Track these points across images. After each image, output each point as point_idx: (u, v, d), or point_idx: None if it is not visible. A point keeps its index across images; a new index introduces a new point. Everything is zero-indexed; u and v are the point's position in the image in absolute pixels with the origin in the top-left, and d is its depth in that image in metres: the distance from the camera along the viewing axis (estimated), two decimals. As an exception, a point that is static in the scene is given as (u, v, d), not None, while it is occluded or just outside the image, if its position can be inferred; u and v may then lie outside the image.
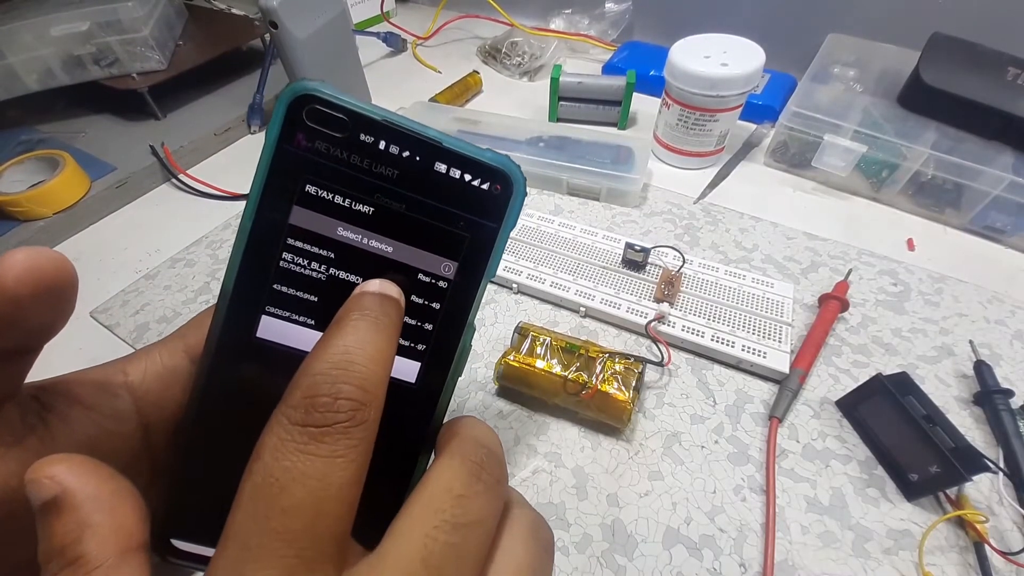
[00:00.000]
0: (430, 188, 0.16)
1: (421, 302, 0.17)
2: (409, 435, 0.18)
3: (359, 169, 0.16)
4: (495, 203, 0.17)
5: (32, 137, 0.51)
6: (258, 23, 0.63)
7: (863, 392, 0.29)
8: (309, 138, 0.16)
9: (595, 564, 0.25)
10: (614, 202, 0.44)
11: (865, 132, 0.41)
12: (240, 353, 0.17)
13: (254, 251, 0.16)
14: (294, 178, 0.16)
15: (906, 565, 0.24)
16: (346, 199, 0.16)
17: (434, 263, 0.17)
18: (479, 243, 0.17)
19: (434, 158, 0.16)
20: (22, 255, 0.13)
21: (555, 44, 0.63)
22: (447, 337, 0.18)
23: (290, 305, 0.17)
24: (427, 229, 0.17)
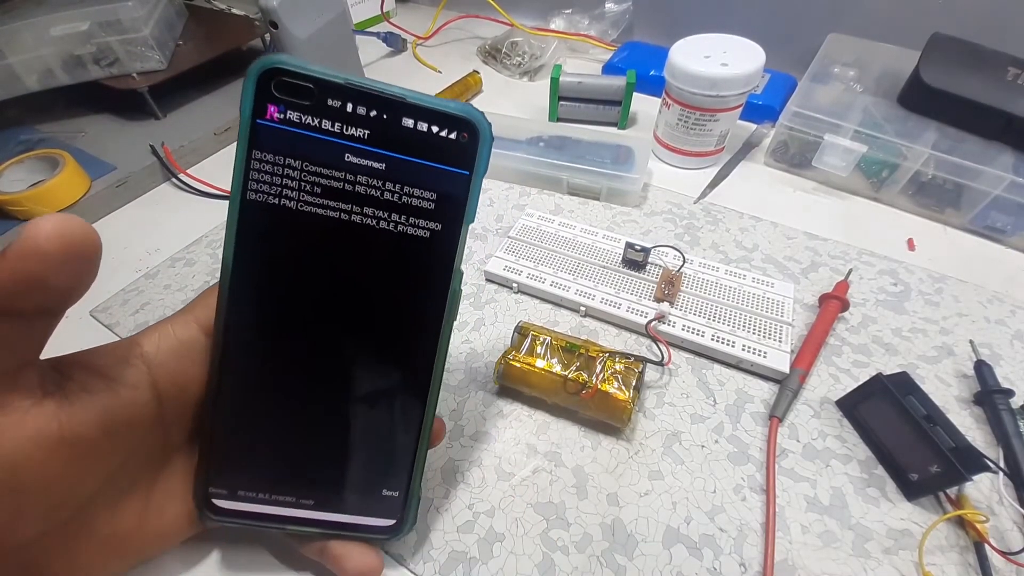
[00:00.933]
0: (401, 144, 0.17)
1: (408, 254, 0.18)
2: (416, 376, 0.20)
3: (331, 133, 0.17)
4: (465, 151, 0.17)
5: (32, 136, 0.51)
6: (258, 23, 0.63)
7: (863, 392, 0.29)
8: (281, 110, 0.16)
9: (595, 564, 0.25)
10: (614, 202, 0.44)
11: (865, 132, 0.41)
12: (249, 317, 0.18)
13: (245, 226, 0.17)
14: (272, 151, 0.17)
15: (906, 565, 0.24)
16: (324, 165, 0.17)
17: (415, 216, 0.18)
18: (455, 191, 0.18)
19: (401, 114, 0.17)
20: (53, 220, 0.14)
21: (555, 44, 0.63)
22: (438, 284, 0.19)
23: (284, 272, 0.18)
24: (404, 184, 0.18)
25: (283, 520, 0.21)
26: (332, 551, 0.22)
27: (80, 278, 0.15)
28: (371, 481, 0.21)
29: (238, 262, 0.18)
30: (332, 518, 0.21)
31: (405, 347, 0.20)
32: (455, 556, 0.25)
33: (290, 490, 0.21)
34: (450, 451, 0.29)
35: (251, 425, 0.20)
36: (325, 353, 0.19)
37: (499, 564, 0.25)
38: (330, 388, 0.20)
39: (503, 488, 0.27)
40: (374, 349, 0.19)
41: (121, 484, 0.19)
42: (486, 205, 0.44)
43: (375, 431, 0.20)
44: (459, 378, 0.32)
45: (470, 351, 0.33)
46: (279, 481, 0.20)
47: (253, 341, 0.19)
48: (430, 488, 0.27)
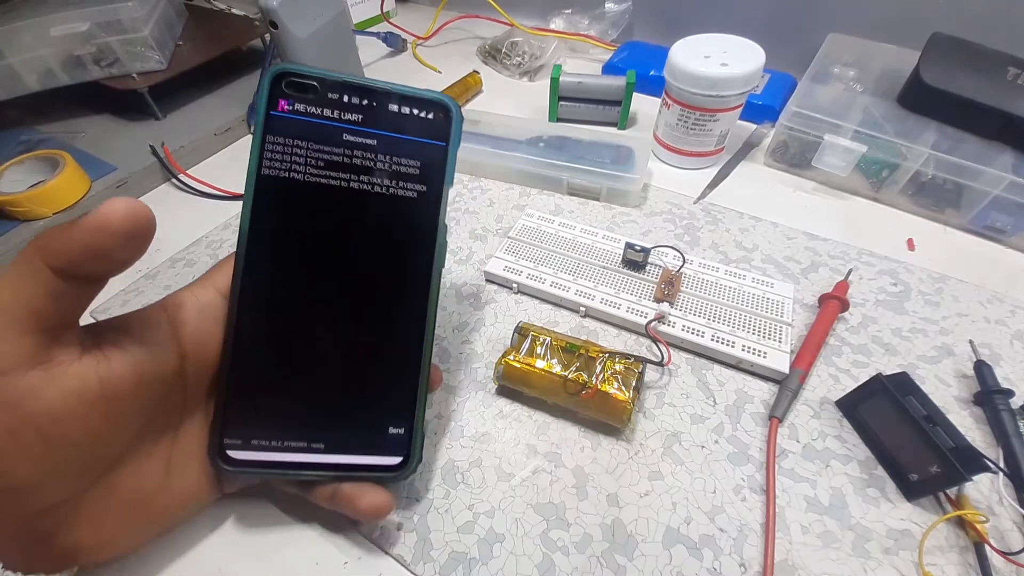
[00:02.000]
0: (388, 124, 0.21)
1: (400, 212, 0.22)
2: (413, 316, 0.22)
3: (331, 119, 0.21)
4: (440, 127, 0.22)
5: (32, 137, 0.51)
6: (258, 23, 0.63)
7: (863, 392, 0.29)
8: (290, 103, 0.21)
9: (595, 564, 0.25)
10: (614, 202, 0.44)
11: (865, 132, 0.41)
12: (263, 275, 0.21)
13: (260, 197, 0.21)
14: (283, 135, 0.21)
15: (906, 565, 0.24)
16: (325, 144, 0.21)
17: (403, 180, 0.22)
18: (435, 159, 0.22)
19: (386, 101, 0.21)
20: (125, 203, 0.17)
21: (555, 44, 0.63)
22: (427, 234, 0.22)
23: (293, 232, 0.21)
24: (393, 155, 0.22)
25: (296, 467, 0.22)
26: (344, 492, 0.23)
27: (136, 254, 0.18)
28: (377, 420, 0.23)
29: (253, 227, 0.21)
30: (343, 460, 0.23)
31: (402, 292, 0.22)
32: (455, 557, 0.25)
33: (301, 436, 0.22)
34: (450, 451, 0.29)
35: (263, 375, 0.22)
36: (330, 302, 0.22)
37: (499, 565, 0.25)
38: (336, 334, 0.22)
39: (503, 489, 0.27)
40: (374, 296, 0.22)
41: (146, 444, 0.21)
42: (486, 205, 0.44)
43: (379, 371, 0.22)
44: (459, 378, 0.32)
45: (470, 351, 0.33)
46: (290, 428, 0.22)
47: (266, 296, 0.21)
48: (430, 489, 0.27)
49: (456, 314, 0.36)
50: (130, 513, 0.21)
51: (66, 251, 0.16)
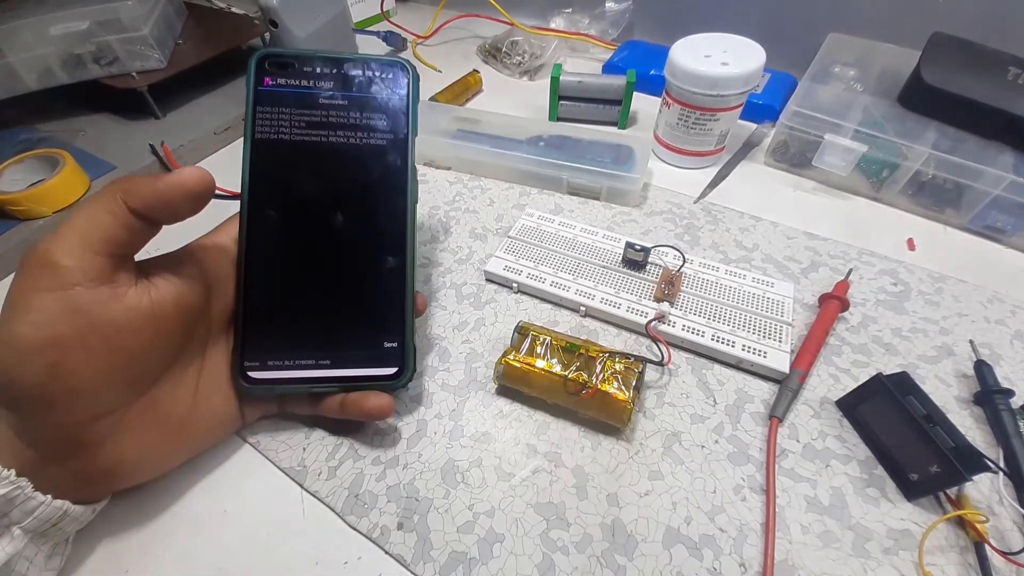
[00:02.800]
0: (355, 86, 0.26)
1: (374, 157, 0.26)
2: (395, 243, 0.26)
3: (307, 87, 0.25)
4: (399, 84, 0.26)
5: (32, 136, 0.51)
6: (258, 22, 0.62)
7: (863, 392, 0.29)
8: (273, 78, 0.25)
9: (595, 564, 0.25)
10: (614, 201, 0.44)
11: (865, 132, 0.41)
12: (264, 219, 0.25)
13: (255, 156, 0.25)
14: (270, 105, 0.25)
15: (906, 565, 0.24)
16: (304, 108, 0.25)
17: (373, 131, 0.26)
18: (398, 110, 0.26)
19: (350, 67, 0.26)
20: (198, 171, 0.22)
21: (555, 43, 0.63)
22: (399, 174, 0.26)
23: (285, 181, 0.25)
24: (362, 111, 0.26)
25: (306, 382, 0.26)
26: (351, 399, 0.27)
27: (194, 212, 0.22)
28: (373, 336, 0.26)
29: (252, 181, 0.25)
30: (347, 373, 0.26)
31: (383, 225, 0.26)
32: (455, 556, 0.25)
33: (309, 354, 0.26)
34: (450, 451, 0.29)
35: (272, 304, 0.25)
36: (322, 238, 0.26)
37: (499, 564, 0.25)
38: (330, 264, 0.26)
39: (503, 488, 0.27)
40: (360, 231, 0.26)
41: (179, 368, 0.24)
42: (486, 205, 0.44)
43: (370, 294, 0.26)
44: (459, 378, 0.32)
45: (470, 351, 0.33)
46: (299, 348, 0.26)
47: (267, 238, 0.25)
48: (430, 489, 0.27)
49: (456, 314, 0.36)
50: (167, 432, 0.24)
51: (145, 196, 0.21)
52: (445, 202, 0.45)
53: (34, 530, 0.21)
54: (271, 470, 0.28)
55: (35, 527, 0.21)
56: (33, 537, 0.21)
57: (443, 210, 0.44)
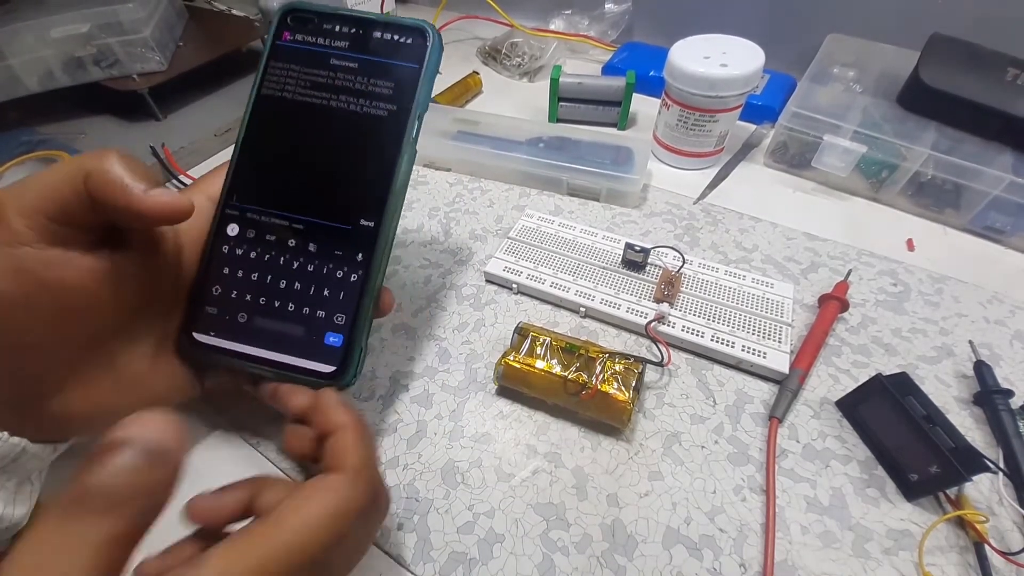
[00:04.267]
0: (370, 48, 0.24)
1: (370, 129, 0.24)
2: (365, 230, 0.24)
3: (321, 45, 0.24)
4: (417, 51, 0.24)
5: (33, 138, 0.52)
6: (258, 24, 0.63)
7: (863, 392, 0.29)
8: (292, 33, 0.25)
9: (595, 564, 0.25)
10: (614, 202, 0.44)
11: (865, 132, 0.41)
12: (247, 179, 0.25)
13: (255, 112, 0.24)
14: (282, 61, 0.25)
15: (906, 565, 0.24)
16: (314, 67, 0.24)
17: (376, 100, 0.24)
18: (407, 80, 0.24)
19: (372, 28, 0.24)
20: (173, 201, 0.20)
21: (555, 45, 0.63)
22: (390, 152, 0.24)
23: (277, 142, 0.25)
24: (369, 77, 0.24)
25: (245, 357, 0.24)
26: (280, 391, 0.24)
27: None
28: (317, 327, 0.24)
29: (248, 135, 0.24)
30: (283, 359, 0.24)
31: (360, 203, 0.24)
32: (455, 557, 0.25)
33: (254, 331, 0.24)
34: (450, 452, 0.29)
35: (232, 271, 0.24)
36: (299, 210, 0.24)
37: (499, 565, 0.25)
38: (298, 240, 0.24)
39: (503, 489, 0.27)
40: (334, 208, 0.24)
41: (140, 328, 0.23)
42: (486, 206, 0.45)
43: (326, 280, 0.24)
44: (459, 379, 0.32)
45: (470, 352, 0.33)
46: (247, 322, 0.24)
47: (246, 199, 0.24)
48: (429, 490, 0.27)
49: (456, 314, 0.36)
50: (121, 389, 0.23)
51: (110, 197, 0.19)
52: (445, 203, 0.45)
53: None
54: (271, 471, 0.28)
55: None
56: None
57: (443, 211, 0.44)
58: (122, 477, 0.14)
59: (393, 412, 0.31)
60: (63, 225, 0.19)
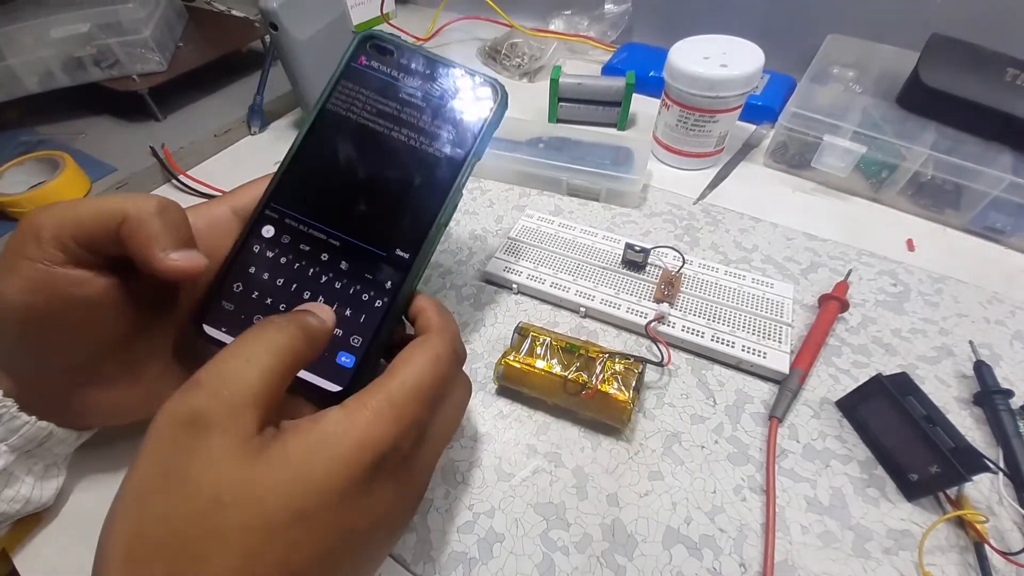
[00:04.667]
0: (440, 91, 0.25)
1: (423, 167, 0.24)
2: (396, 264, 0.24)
3: (395, 78, 0.25)
4: (483, 104, 0.25)
5: (32, 138, 0.52)
6: (258, 25, 0.63)
7: (863, 392, 0.29)
8: (367, 59, 0.25)
9: (595, 564, 0.25)
10: (614, 203, 0.44)
11: (864, 133, 0.41)
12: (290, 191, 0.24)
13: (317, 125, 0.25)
14: (353, 82, 0.25)
15: (906, 565, 0.24)
16: (383, 96, 0.25)
17: (435, 141, 0.25)
18: (469, 129, 0.25)
19: (445, 72, 0.25)
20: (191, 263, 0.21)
21: (555, 45, 0.63)
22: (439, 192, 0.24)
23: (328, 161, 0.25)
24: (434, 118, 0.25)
25: None
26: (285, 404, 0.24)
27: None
28: (332, 343, 0.23)
29: (304, 144, 0.25)
30: None
31: (401, 234, 0.24)
32: (455, 557, 0.25)
33: None
34: (450, 451, 0.29)
35: (256, 276, 0.24)
36: (339, 228, 0.24)
37: (499, 564, 0.25)
38: (327, 258, 0.24)
39: (503, 489, 0.27)
40: (373, 234, 0.24)
41: (160, 328, 0.24)
42: (486, 206, 0.45)
43: (351, 298, 0.24)
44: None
45: (470, 351, 0.33)
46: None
47: (287, 204, 0.24)
48: (430, 489, 0.27)
49: (456, 314, 0.36)
50: (139, 387, 0.24)
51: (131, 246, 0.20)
52: (445, 203, 0.45)
53: (20, 448, 0.23)
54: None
55: (21, 445, 0.23)
56: (21, 456, 0.23)
57: (443, 211, 0.44)
58: (293, 314, 0.20)
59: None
60: (89, 252, 0.20)
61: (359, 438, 0.17)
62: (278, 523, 0.15)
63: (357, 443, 0.17)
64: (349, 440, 0.17)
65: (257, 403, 0.16)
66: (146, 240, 0.20)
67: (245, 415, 0.16)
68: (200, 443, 0.15)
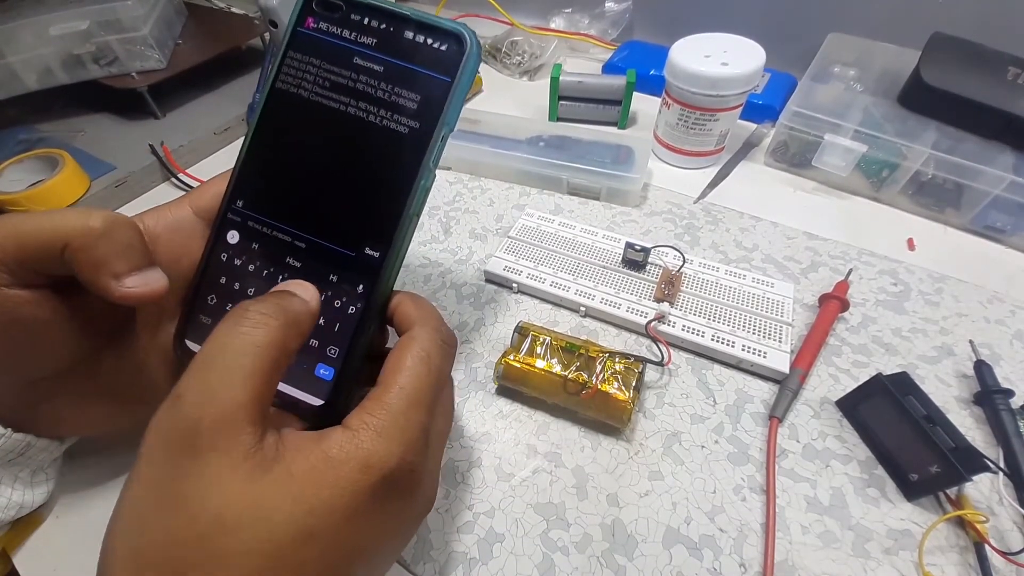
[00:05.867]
0: (400, 51, 0.21)
1: (387, 146, 0.22)
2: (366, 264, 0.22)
3: (347, 39, 0.21)
4: (451, 61, 0.21)
5: (31, 136, 0.51)
6: (258, 22, 0.62)
7: (863, 392, 0.29)
8: (315, 21, 0.21)
9: (595, 564, 0.25)
10: (614, 202, 0.44)
11: (865, 132, 0.41)
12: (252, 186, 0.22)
13: (268, 110, 0.22)
14: (302, 52, 0.22)
15: (906, 565, 0.24)
16: (336, 64, 0.21)
17: (398, 113, 0.21)
18: (436, 95, 0.21)
19: (404, 27, 0.21)
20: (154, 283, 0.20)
21: (555, 43, 0.63)
22: (407, 173, 0.21)
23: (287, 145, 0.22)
24: (394, 85, 0.21)
25: None
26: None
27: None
28: (308, 354, 0.22)
29: (257, 133, 0.22)
30: None
31: (367, 229, 0.22)
32: (455, 557, 0.25)
33: None
34: (450, 451, 0.29)
35: (228, 286, 0.23)
36: (303, 227, 0.22)
37: (499, 565, 0.25)
38: (297, 259, 0.22)
39: (503, 489, 0.27)
40: (340, 227, 0.22)
41: (126, 340, 0.23)
42: (486, 205, 0.44)
43: (323, 305, 0.21)
44: (459, 378, 0.32)
45: (470, 351, 0.33)
46: None
47: (248, 205, 0.22)
48: (430, 488, 0.27)
49: (456, 314, 0.36)
50: (106, 399, 0.24)
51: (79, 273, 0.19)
52: (445, 202, 0.45)
53: (1, 459, 0.22)
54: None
55: (1, 456, 0.22)
56: (4, 465, 0.23)
57: (443, 210, 0.44)
58: (270, 298, 0.18)
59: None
60: (35, 273, 0.19)
61: (364, 460, 0.16)
62: (285, 544, 0.15)
63: (363, 466, 0.16)
64: (355, 463, 0.16)
65: (248, 414, 0.15)
66: (93, 266, 0.18)
67: (238, 430, 0.15)
68: (196, 463, 0.14)
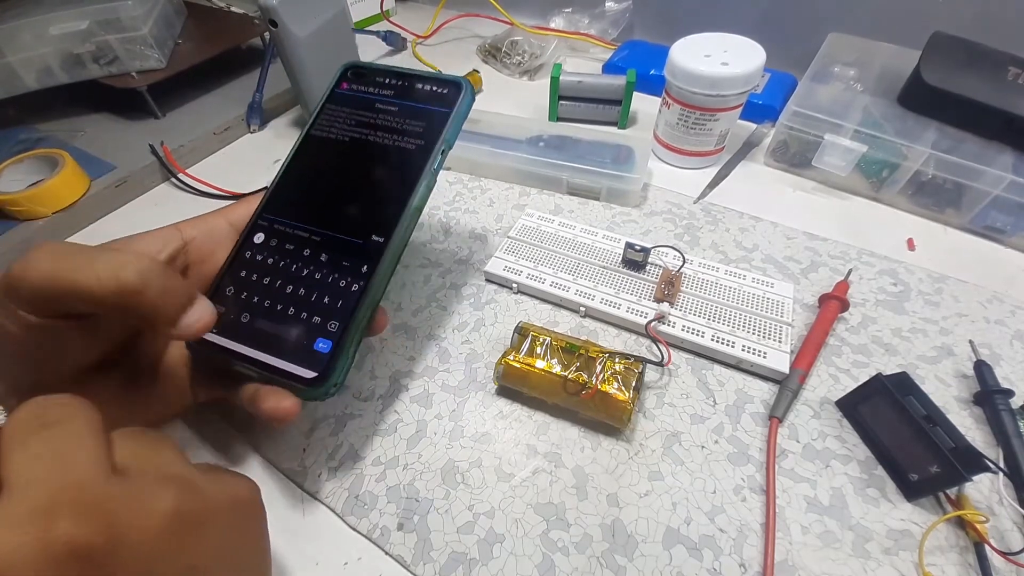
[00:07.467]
0: (413, 96, 0.28)
1: (397, 159, 0.27)
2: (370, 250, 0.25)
3: (371, 93, 0.29)
4: (450, 98, 0.28)
5: (31, 136, 0.51)
6: (258, 22, 0.62)
7: (863, 392, 0.29)
8: (348, 83, 0.29)
9: (595, 564, 0.25)
10: (614, 202, 0.44)
11: (865, 132, 0.41)
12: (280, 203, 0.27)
13: (301, 148, 0.28)
14: (336, 104, 0.29)
15: (906, 565, 0.24)
16: (361, 109, 0.29)
17: (409, 136, 0.27)
18: (438, 120, 0.27)
19: (416, 81, 0.29)
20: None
21: (555, 43, 0.63)
22: (412, 177, 0.26)
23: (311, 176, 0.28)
24: (407, 118, 0.28)
25: (235, 355, 0.24)
26: (260, 392, 0.24)
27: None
28: (310, 330, 0.24)
29: (291, 163, 0.28)
30: (270, 361, 0.24)
31: (374, 220, 0.26)
32: (455, 557, 0.25)
33: (250, 333, 0.25)
34: (450, 451, 0.29)
35: (247, 284, 0.26)
36: (320, 222, 0.26)
37: (499, 565, 0.25)
38: (312, 248, 0.26)
39: (503, 489, 0.27)
40: (353, 222, 0.26)
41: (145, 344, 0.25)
42: (486, 205, 0.44)
43: (329, 286, 0.25)
44: (459, 378, 0.32)
45: (470, 352, 0.33)
46: (246, 325, 0.25)
47: (275, 212, 0.27)
48: (429, 490, 0.27)
49: (456, 314, 0.36)
50: (123, 402, 0.24)
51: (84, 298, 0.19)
52: (445, 202, 0.45)
53: None
54: (271, 471, 0.28)
55: None
56: None
57: (443, 210, 0.44)
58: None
59: (393, 412, 0.31)
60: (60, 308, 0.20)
61: None
62: None
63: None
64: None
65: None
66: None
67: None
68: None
